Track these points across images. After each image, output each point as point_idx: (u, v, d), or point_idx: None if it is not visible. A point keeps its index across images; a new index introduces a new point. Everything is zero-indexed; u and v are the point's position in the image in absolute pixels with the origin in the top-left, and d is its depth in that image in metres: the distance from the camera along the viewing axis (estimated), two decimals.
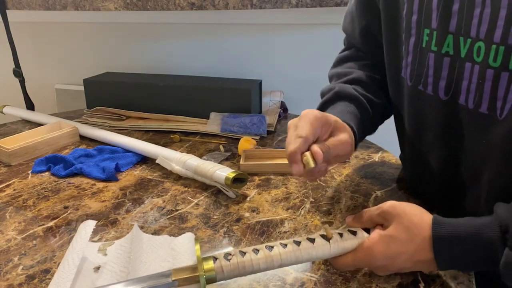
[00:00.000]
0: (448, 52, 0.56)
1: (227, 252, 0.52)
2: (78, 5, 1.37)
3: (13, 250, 0.63)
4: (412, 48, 0.62)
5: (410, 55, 0.62)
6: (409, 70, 0.63)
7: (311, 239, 0.54)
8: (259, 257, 0.51)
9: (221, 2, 1.26)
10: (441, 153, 0.63)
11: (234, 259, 0.51)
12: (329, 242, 0.54)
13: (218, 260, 0.51)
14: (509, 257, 0.45)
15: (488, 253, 0.47)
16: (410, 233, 0.50)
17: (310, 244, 0.53)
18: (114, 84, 1.21)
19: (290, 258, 0.52)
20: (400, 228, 0.51)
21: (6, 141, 0.95)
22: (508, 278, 0.47)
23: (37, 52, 1.57)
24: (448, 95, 0.58)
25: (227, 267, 0.50)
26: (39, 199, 0.77)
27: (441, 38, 0.56)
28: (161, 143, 1.00)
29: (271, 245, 0.53)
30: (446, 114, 0.59)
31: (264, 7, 1.24)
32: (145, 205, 0.75)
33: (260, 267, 0.51)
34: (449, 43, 0.56)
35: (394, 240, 0.51)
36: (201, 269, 0.49)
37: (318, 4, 1.21)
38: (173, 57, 1.45)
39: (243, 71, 1.38)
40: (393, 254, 0.51)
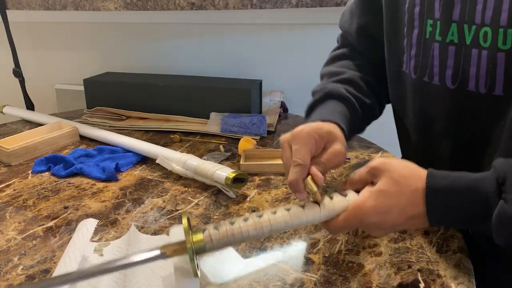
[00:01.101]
0: (452, 40, 0.57)
1: (217, 223, 0.52)
2: (78, 5, 1.37)
3: (13, 250, 0.63)
4: (415, 40, 0.62)
5: (414, 48, 0.63)
6: (413, 63, 0.64)
7: (301, 205, 0.53)
8: (248, 224, 0.51)
9: (221, 2, 1.26)
10: (452, 142, 0.63)
11: (223, 228, 0.50)
12: (319, 205, 0.52)
13: (207, 230, 0.50)
14: (502, 208, 0.44)
15: (483, 205, 0.45)
16: (401, 186, 0.49)
17: (300, 209, 0.52)
18: (114, 84, 1.21)
19: (279, 224, 0.51)
20: (390, 182, 0.49)
21: (6, 141, 0.95)
22: (499, 232, 0.45)
23: (37, 52, 1.57)
24: (456, 83, 0.58)
25: (216, 236, 0.50)
26: (39, 199, 0.77)
27: (445, 27, 0.57)
28: (161, 143, 1.00)
29: (260, 213, 0.52)
30: (454, 102, 0.60)
31: (264, 7, 1.24)
32: (145, 205, 0.75)
33: (249, 234, 0.51)
34: (453, 32, 0.57)
35: (384, 194, 0.49)
36: (189, 240, 0.49)
37: (318, 4, 1.21)
38: (173, 57, 1.45)
39: (243, 71, 1.38)
40: (384, 208, 0.49)
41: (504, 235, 0.45)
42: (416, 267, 0.58)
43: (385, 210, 0.49)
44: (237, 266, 0.59)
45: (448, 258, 0.59)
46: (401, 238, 0.64)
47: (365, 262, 0.59)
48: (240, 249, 0.63)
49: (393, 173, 0.50)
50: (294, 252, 0.62)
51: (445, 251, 0.60)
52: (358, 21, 0.76)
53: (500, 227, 0.44)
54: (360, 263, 0.59)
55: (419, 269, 0.57)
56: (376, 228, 0.51)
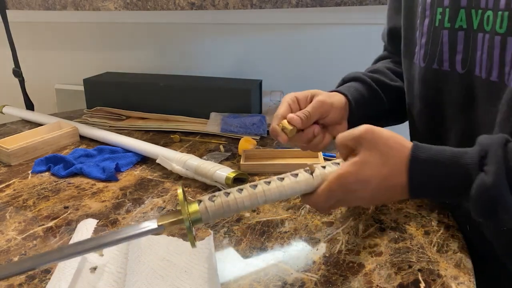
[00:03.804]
0: (461, 26, 0.59)
1: (212, 194, 0.52)
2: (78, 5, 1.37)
3: (13, 250, 0.63)
4: (426, 29, 0.64)
5: (424, 36, 0.65)
6: (422, 52, 0.65)
7: (295, 174, 0.53)
8: (243, 195, 0.52)
9: (221, 2, 1.26)
10: (460, 126, 0.63)
11: (219, 199, 0.51)
12: (312, 175, 0.53)
13: (202, 202, 0.51)
14: (481, 180, 0.44)
15: (464, 177, 0.45)
16: (384, 156, 0.49)
17: (293, 178, 0.53)
18: (114, 84, 1.21)
19: (274, 194, 0.52)
20: (374, 153, 0.49)
21: (6, 141, 0.95)
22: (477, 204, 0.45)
23: (37, 52, 1.57)
24: (465, 68, 0.60)
25: (212, 208, 0.51)
26: (39, 199, 0.77)
27: (454, 14, 0.59)
28: (161, 143, 1.00)
29: (255, 184, 0.53)
30: (464, 87, 0.60)
31: (264, 7, 1.24)
32: (145, 205, 0.75)
33: (244, 205, 0.52)
34: (461, 18, 0.58)
35: (367, 163, 0.49)
36: (185, 212, 0.49)
37: (318, 4, 1.21)
38: (173, 57, 1.45)
39: (243, 71, 1.38)
40: (366, 177, 0.49)
41: (481, 207, 0.45)
42: (417, 267, 0.58)
43: (366, 178, 0.49)
44: (237, 266, 0.59)
45: (448, 258, 0.59)
46: (401, 238, 0.64)
47: (365, 262, 0.59)
48: (240, 249, 0.63)
49: (378, 143, 0.49)
50: (294, 252, 0.62)
51: (445, 251, 0.61)
52: (389, 24, 0.80)
53: (478, 199, 0.44)
54: (361, 263, 0.59)
55: (420, 269, 0.57)
56: (359, 199, 0.52)
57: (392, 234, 0.65)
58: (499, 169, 0.43)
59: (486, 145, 0.45)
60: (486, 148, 0.45)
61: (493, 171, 0.43)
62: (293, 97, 0.66)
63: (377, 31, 1.30)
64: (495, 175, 0.43)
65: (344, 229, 0.67)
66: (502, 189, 0.43)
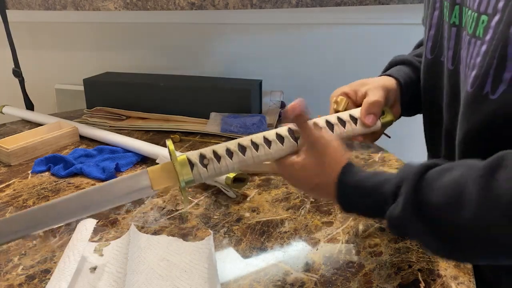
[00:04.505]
0: (455, 22, 0.59)
1: (202, 155, 0.55)
2: (78, 5, 1.37)
3: (13, 250, 0.63)
4: (435, 21, 0.64)
5: (433, 28, 0.65)
6: (430, 44, 0.66)
7: (281, 137, 0.56)
8: (234, 161, 0.55)
9: (221, 2, 1.26)
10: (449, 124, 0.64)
11: (211, 165, 0.54)
12: (297, 143, 0.56)
13: (195, 168, 0.54)
14: (390, 211, 0.47)
15: (381, 206, 0.48)
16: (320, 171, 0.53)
17: (280, 146, 0.56)
18: (114, 84, 1.21)
19: (261, 159, 0.56)
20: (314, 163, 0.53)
21: (6, 141, 0.95)
22: (391, 230, 0.49)
23: (37, 52, 1.57)
24: (454, 64, 0.60)
25: (205, 174, 0.54)
26: (39, 199, 0.77)
27: (451, 9, 0.59)
28: (161, 143, 1.00)
29: (244, 146, 0.55)
30: (451, 84, 0.61)
31: (264, 7, 1.24)
32: (145, 205, 0.75)
33: (234, 168, 0.56)
34: (456, 14, 0.58)
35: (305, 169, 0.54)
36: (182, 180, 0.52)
37: (318, 4, 1.21)
38: (173, 57, 1.45)
39: (243, 71, 1.38)
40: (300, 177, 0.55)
41: (397, 233, 0.49)
42: (417, 267, 0.58)
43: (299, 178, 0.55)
44: (237, 266, 0.59)
45: None
46: (401, 238, 0.64)
47: (365, 262, 0.59)
48: (240, 249, 0.63)
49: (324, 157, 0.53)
50: (294, 252, 0.62)
51: None
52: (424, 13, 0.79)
53: (391, 226, 0.48)
54: (361, 263, 0.59)
55: (420, 269, 0.57)
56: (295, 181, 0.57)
57: (392, 234, 0.65)
58: (407, 203, 0.45)
59: (402, 176, 0.47)
60: (401, 180, 0.47)
61: (402, 203, 0.45)
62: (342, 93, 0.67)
63: (377, 31, 1.30)
64: (402, 206, 0.45)
65: (344, 229, 0.67)
66: (408, 220, 0.45)
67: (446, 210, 0.43)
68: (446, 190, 0.43)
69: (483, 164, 0.42)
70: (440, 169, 0.46)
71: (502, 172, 0.40)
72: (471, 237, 0.43)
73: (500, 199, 0.39)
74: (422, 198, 0.44)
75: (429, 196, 0.44)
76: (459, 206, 0.42)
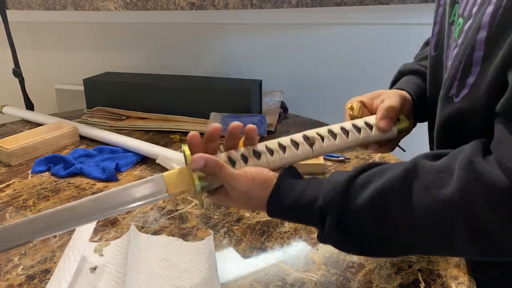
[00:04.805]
0: (453, 21, 0.59)
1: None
2: (78, 5, 1.37)
3: (13, 250, 0.63)
4: (439, 18, 0.64)
5: (437, 25, 0.65)
6: (434, 40, 0.66)
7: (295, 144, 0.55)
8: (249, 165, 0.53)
9: (221, 2, 1.26)
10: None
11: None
12: (312, 149, 0.55)
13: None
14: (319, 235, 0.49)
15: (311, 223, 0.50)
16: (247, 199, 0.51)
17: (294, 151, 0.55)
18: (114, 84, 1.21)
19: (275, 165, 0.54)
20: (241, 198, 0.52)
21: (6, 141, 0.95)
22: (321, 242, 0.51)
23: (37, 52, 1.57)
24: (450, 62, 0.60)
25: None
26: (39, 199, 0.77)
27: (451, 7, 0.59)
28: (161, 143, 1.00)
29: (259, 153, 0.53)
30: None
31: (264, 7, 1.24)
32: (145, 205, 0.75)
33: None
34: (455, 13, 0.58)
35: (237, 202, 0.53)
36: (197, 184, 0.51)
37: (318, 4, 1.21)
38: (173, 57, 1.45)
39: (243, 71, 1.38)
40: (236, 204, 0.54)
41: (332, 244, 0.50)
42: (417, 267, 0.58)
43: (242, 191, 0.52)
44: (237, 266, 0.59)
45: (448, 258, 0.59)
46: None
47: (365, 262, 0.59)
48: (240, 249, 0.63)
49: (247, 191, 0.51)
50: (294, 252, 0.62)
51: None
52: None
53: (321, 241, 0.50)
54: (361, 263, 0.59)
55: (420, 269, 0.57)
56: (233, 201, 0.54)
57: None
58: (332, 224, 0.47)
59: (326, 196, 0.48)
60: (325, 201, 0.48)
61: (328, 225, 0.47)
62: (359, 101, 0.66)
63: (377, 31, 1.30)
64: (328, 229, 0.47)
65: None
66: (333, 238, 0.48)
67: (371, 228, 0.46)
68: (366, 207, 0.46)
69: (400, 176, 0.45)
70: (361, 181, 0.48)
71: (415, 185, 0.44)
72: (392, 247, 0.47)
73: (414, 213, 0.43)
74: (345, 219, 0.47)
75: (353, 216, 0.47)
76: (381, 221, 0.46)
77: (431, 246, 0.45)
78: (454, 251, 0.47)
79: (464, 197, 0.41)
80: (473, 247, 0.43)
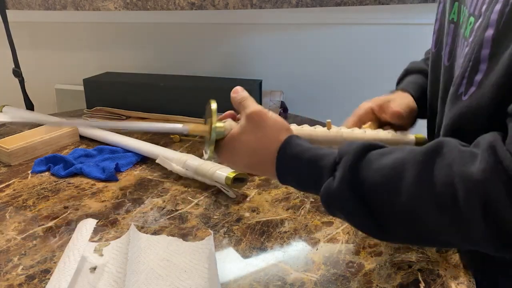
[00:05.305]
0: (453, 19, 0.59)
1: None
2: (78, 5, 1.37)
3: (13, 250, 0.63)
4: (439, 16, 0.65)
5: (437, 23, 0.66)
6: (434, 37, 0.67)
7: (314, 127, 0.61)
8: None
9: (221, 2, 1.26)
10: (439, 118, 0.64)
11: None
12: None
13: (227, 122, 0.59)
14: (328, 184, 0.47)
15: (318, 178, 0.48)
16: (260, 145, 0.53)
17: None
18: (114, 84, 1.21)
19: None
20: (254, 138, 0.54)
21: (6, 141, 0.95)
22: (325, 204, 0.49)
23: (37, 52, 1.57)
24: (450, 61, 0.60)
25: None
26: (39, 199, 0.77)
27: (451, 5, 0.59)
28: (161, 143, 1.00)
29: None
30: (445, 79, 0.61)
31: (264, 7, 1.24)
32: (145, 205, 0.75)
33: None
34: (455, 11, 0.59)
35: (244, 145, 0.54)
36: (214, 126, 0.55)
37: (318, 4, 1.21)
38: (173, 57, 1.45)
39: (243, 71, 1.38)
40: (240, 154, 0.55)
41: (330, 209, 0.49)
42: (416, 267, 0.58)
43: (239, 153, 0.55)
44: (237, 266, 0.59)
45: (448, 258, 0.59)
46: None
47: (365, 262, 0.59)
48: (240, 249, 0.63)
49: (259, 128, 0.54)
50: (294, 252, 0.62)
51: (445, 251, 0.60)
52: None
53: (325, 200, 0.48)
54: (360, 263, 0.59)
55: (420, 269, 0.57)
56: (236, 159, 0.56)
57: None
58: (344, 179, 0.45)
59: (342, 151, 0.48)
60: (340, 155, 0.47)
61: (339, 178, 0.46)
62: (368, 108, 0.68)
63: (377, 31, 1.30)
64: (339, 182, 0.46)
65: (344, 229, 0.67)
66: (342, 196, 0.45)
67: (382, 192, 0.44)
68: (384, 172, 0.44)
69: (423, 150, 0.44)
70: (381, 151, 0.47)
71: (438, 160, 0.42)
72: (402, 220, 0.44)
73: (434, 187, 0.41)
74: (360, 176, 0.45)
75: (367, 176, 0.45)
76: (396, 189, 0.43)
77: (444, 223, 0.42)
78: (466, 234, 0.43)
79: (486, 178, 0.39)
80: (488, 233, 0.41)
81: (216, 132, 0.55)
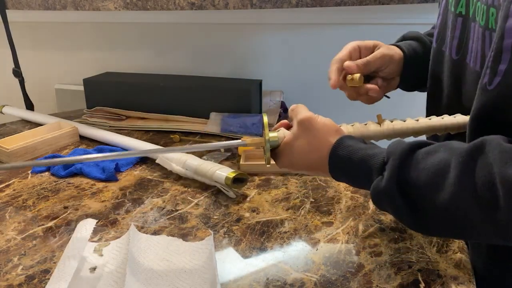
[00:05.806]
0: (461, 12, 0.60)
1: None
2: (78, 5, 1.37)
3: (13, 250, 0.63)
4: (442, 10, 0.66)
5: (440, 17, 0.66)
6: (436, 32, 0.67)
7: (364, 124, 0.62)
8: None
9: (221, 2, 1.25)
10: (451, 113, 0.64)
11: None
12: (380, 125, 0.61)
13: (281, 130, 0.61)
14: (376, 183, 0.49)
15: (368, 178, 0.51)
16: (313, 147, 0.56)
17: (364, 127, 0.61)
18: (114, 84, 1.21)
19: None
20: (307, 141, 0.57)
21: (5, 141, 0.95)
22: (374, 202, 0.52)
23: (37, 52, 1.57)
24: (459, 54, 0.61)
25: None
26: (39, 199, 0.77)
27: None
28: (161, 143, 1.00)
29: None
30: (456, 73, 0.62)
31: (264, 7, 1.24)
32: (145, 205, 0.75)
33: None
34: (462, 4, 0.59)
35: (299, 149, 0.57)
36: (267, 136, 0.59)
37: (318, 4, 1.21)
38: (173, 57, 1.45)
39: (243, 71, 1.38)
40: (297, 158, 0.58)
41: (375, 204, 0.52)
42: (416, 267, 0.58)
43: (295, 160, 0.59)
44: (237, 266, 0.59)
45: (448, 258, 0.59)
46: (401, 238, 0.64)
47: (365, 262, 0.59)
48: (240, 249, 0.63)
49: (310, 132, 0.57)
50: (294, 252, 0.62)
51: (445, 251, 0.60)
52: None
53: (372, 197, 0.51)
54: (360, 263, 0.59)
55: (419, 269, 0.57)
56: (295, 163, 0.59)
57: (392, 234, 0.65)
58: (392, 178, 0.48)
59: (389, 152, 0.50)
60: (388, 155, 0.50)
61: (387, 178, 0.48)
62: (355, 45, 0.71)
63: (377, 31, 1.30)
64: (387, 181, 0.48)
65: (344, 229, 0.67)
66: (390, 194, 0.48)
67: (427, 191, 0.46)
68: (429, 172, 0.46)
69: (466, 149, 0.45)
70: (427, 149, 0.48)
71: (480, 160, 0.43)
72: (444, 219, 0.46)
73: (475, 187, 0.42)
74: (406, 176, 0.47)
75: (413, 176, 0.47)
76: (439, 189, 0.45)
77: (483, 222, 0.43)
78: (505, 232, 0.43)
79: None
80: None
81: (269, 142, 0.59)
